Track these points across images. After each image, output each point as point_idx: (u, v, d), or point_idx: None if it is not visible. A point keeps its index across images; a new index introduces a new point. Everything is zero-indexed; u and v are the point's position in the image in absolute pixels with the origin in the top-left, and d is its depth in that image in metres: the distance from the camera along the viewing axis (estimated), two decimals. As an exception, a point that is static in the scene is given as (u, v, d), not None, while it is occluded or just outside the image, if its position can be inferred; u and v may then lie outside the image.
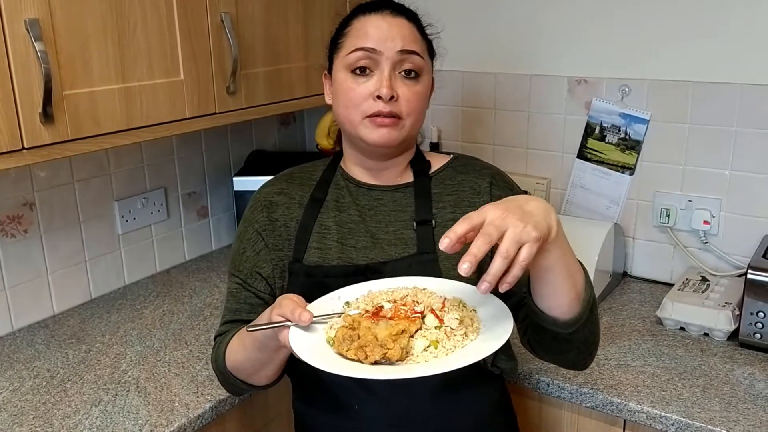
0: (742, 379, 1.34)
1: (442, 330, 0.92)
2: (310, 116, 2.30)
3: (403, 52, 1.08)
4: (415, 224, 1.12)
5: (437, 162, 1.20)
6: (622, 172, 1.79)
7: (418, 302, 0.97)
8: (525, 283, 1.00)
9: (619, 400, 1.28)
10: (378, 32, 1.08)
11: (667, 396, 1.28)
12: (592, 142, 1.83)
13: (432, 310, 0.95)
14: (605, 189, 1.82)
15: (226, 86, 1.53)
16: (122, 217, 1.79)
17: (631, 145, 1.77)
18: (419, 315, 0.94)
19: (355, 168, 1.19)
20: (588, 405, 1.32)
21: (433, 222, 1.12)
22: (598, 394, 1.31)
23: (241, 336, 1.09)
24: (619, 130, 1.78)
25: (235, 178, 1.92)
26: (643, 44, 1.70)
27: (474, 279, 1.04)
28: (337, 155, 1.24)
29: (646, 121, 1.74)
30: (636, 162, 1.77)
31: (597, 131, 1.81)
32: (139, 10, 1.34)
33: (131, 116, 1.35)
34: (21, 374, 1.39)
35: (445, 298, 0.98)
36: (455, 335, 0.91)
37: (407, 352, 0.89)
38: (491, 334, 0.91)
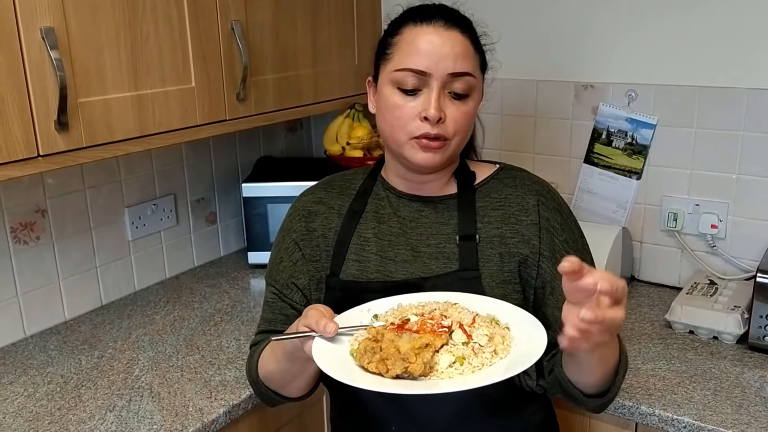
0: (753, 382, 1.34)
1: (469, 346, 0.88)
2: (317, 122, 2.32)
3: (455, 75, 1.02)
4: (458, 238, 1.08)
5: (482, 172, 1.15)
6: (629, 177, 1.80)
7: (446, 317, 0.93)
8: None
9: (630, 404, 1.29)
10: (430, 49, 1.01)
11: (679, 399, 1.29)
12: (599, 147, 1.84)
13: (461, 325, 0.91)
14: (612, 193, 1.83)
15: (236, 93, 1.54)
16: (132, 223, 1.80)
17: (638, 150, 1.78)
18: (446, 330, 0.90)
19: (396, 179, 1.14)
20: (599, 408, 1.32)
21: (477, 237, 1.08)
22: (610, 397, 1.31)
23: (273, 346, 1.07)
24: (626, 135, 1.79)
25: (243, 185, 1.93)
26: (650, 49, 1.72)
27: (514, 299, 1.04)
28: (377, 164, 1.19)
29: (652, 126, 1.75)
30: (643, 166, 1.78)
31: (604, 136, 1.82)
32: (152, 19, 1.35)
33: (144, 123, 1.36)
34: (35, 380, 1.40)
35: (477, 314, 0.94)
36: (483, 352, 0.88)
37: (431, 368, 0.86)
38: (522, 353, 0.87)
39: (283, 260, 1.15)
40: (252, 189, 1.93)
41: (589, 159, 1.86)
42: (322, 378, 1.09)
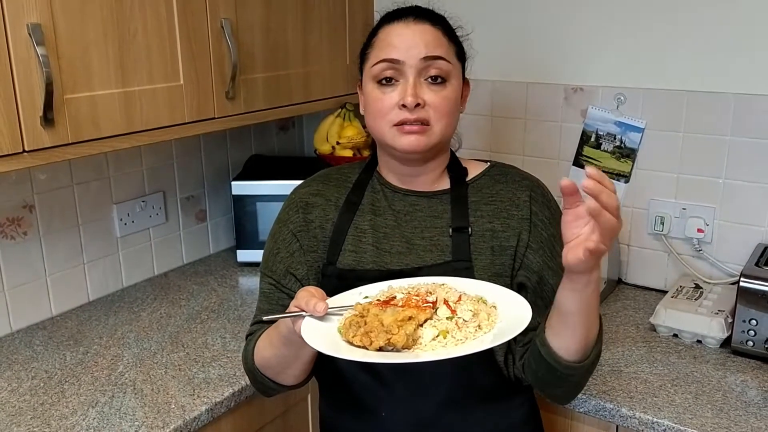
0: (735, 386, 1.35)
1: (453, 321, 0.90)
2: (309, 121, 2.32)
3: (427, 58, 1.06)
4: (450, 231, 1.11)
5: (474, 169, 1.19)
6: (618, 180, 1.81)
7: (431, 293, 0.96)
8: (542, 313, 1.03)
9: (611, 406, 1.30)
10: (400, 40, 1.07)
11: (659, 402, 1.30)
12: (587, 150, 1.84)
13: (445, 302, 0.93)
14: (601, 196, 1.84)
15: (226, 91, 1.55)
16: (121, 220, 1.80)
17: (626, 153, 1.78)
18: (431, 305, 0.93)
19: (390, 174, 1.18)
20: (581, 410, 1.33)
21: (470, 230, 1.11)
22: (591, 399, 1.32)
23: (269, 332, 1.09)
24: (615, 138, 1.80)
25: (233, 183, 1.93)
26: (639, 53, 1.72)
27: (500, 281, 1.06)
28: (373, 158, 1.22)
29: (641, 130, 1.75)
30: (631, 170, 1.79)
31: (593, 139, 1.83)
32: (140, 15, 1.35)
33: (131, 120, 1.36)
34: (19, 375, 1.40)
35: (463, 293, 0.97)
36: (467, 327, 0.90)
37: (414, 341, 0.88)
38: (505, 328, 0.89)
39: (280, 251, 1.17)
40: (242, 187, 1.93)
41: (578, 161, 1.86)
42: (314, 368, 1.11)
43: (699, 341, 1.52)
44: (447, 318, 0.91)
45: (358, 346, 0.88)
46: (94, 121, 1.30)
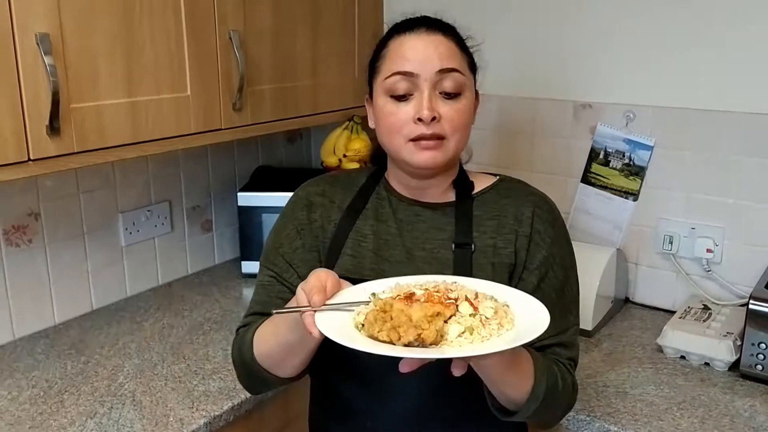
0: (743, 411, 1.32)
1: (477, 318, 0.89)
2: (317, 133, 2.32)
3: (442, 71, 1.04)
4: (453, 246, 1.10)
5: (481, 183, 1.17)
6: (626, 198, 1.79)
7: (451, 290, 0.94)
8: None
9: (616, 429, 1.27)
10: (414, 53, 1.05)
11: (665, 426, 1.27)
12: (596, 167, 1.83)
13: (467, 298, 0.92)
14: (608, 214, 1.82)
15: (233, 102, 1.55)
16: (126, 229, 1.80)
17: (635, 171, 1.77)
18: (453, 302, 0.91)
19: (398, 184, 1.17)
20: (585, 432, 1.31)
21: (473, 246, 1.09)
22: (595, 421, 1.29)
23: (274, 320, 1.06)
24: (623, 156, 1.78)
25: (239, 193, 1.93)
26: (649, 71, 1.71)
27: (501, 281, 1.05)
28: (382, 166, 1.21)
29: (650, 148, 1.74)
30: (640, 188, 1.77)
31: (601, 156, 1.81)
32: (148, 26, 1.36)
33: (137, 130, 1.36)
34: (20, 383, 1.40)
35: (477, 291, 0.95)
36: (490, 324, 0.88)
37: (441, 337, 0.86)
38: (527, 325, 0.88)
39: (282, 245, 1.15)
40: (248, 198, 1.93)
41: (586, 179, 1.85)
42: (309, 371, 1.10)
43: (707, 364, 1.50)
44: (470, 315, 0.89)
45: (383, 341, 0.86)
46: (100, 131, 1.30)
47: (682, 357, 1.53)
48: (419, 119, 1.03)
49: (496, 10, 1.89)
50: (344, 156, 1.95)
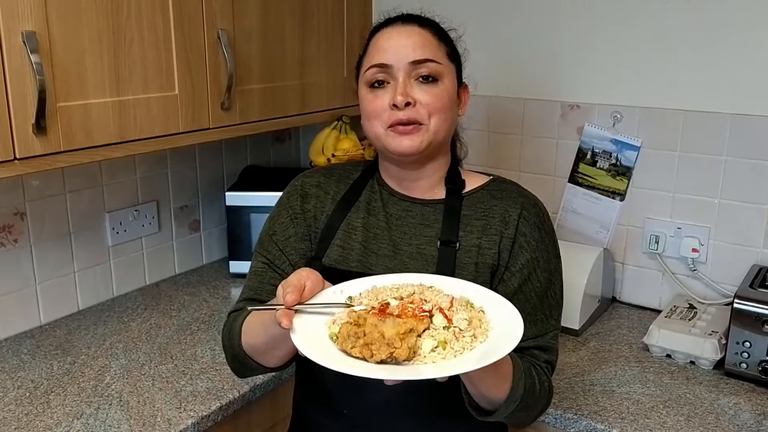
0: (727, 409, 1.34)
1: (450, 330, 0.89)
2: (305, 133, 2.32)
3: (416, 62, 1.07)
4: (438, 243, 1.11)
5: (473, 182, 1.18)
6: (613, 198, 1.80)
7: (425, 300, 0.94)
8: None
9: (603, 427, 1.28)
10: (389, 44, 1.09)
11: (651, 424, 1.28)
12: (583, 167, 1.84)
13: (440, 309, 0.92)
14: (596, 214, 1.83)
15: (221, 102, 1.54)
16: (113, 229, 1.79)
17: (622, 171, 1.78)
18: (427, 314, 0.91)
19: (389, 178, 1.19)
20: (572, 430, 1.31)
21: (458, 244, 1.11)
22: (582, 419, 1.30)
23: (259, 313, 1.07)
24: (611, 156, 1.79)
25: (227, 193, 1.92)
26: (636, 72, 1.72)
27: (483, 282, 1.07)
28: (376, 159, 1.23)
29: (637, 148, 1.75)
30: (626, 188, 1.78)
31: (588, 156, 1.82)
32: (136, 25, 1.35)
33: (124, 129, 1.36)
34: (5, 384, 1.39)
35: (453, 297, 0.95)
36: (464, 336, 0.88)
37: (414, 352, 0.87)
38: (500, 337, 0.88)
39: (276, 233, 1.18)
40: (236, 198, 1.92)
41: (574, 179, 1.86)
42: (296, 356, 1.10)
43: (692, 362, 1.51)
44: (444, 327, 0.89)
45: (356, 357, 0.86)
46: (87, 130, 1.29)
47: (668, 356, 1.54)
48: (394, 105, 1.06)
49: (483, 10, 1.90)
50: (333, 156, 1.95)
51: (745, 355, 1.42)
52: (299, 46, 1.75)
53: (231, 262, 1.96)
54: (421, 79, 1.08)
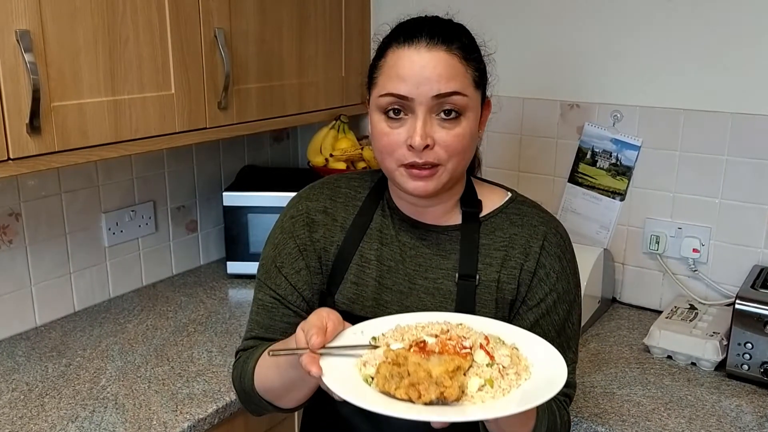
0: (729, 411, 1.32)
1: (494, 368, 0.84)
2: (303, 133, 2.30)
3: (440, 96, 0.95)
4: (457, 277, 1.04)
5: (490, 201, 1.08)
6: (613, 198, 1.79)
7: (465, 338, 0.88)
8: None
9: (603, 430, 1.27)
10: (410, 72, 0.95)
11: (653, 426, 1.27)
12: (583, 167, 1.83)
13: (481, 346, 0.86)
14: (596, 214, 1.82)
15: (218, 101, 1.53)
16: (109, 229, 1.77)
17: (622, 171, 1.77)
18: (469, 351, 0.85)
19: (399, 200, 1.09)
20: (572, 433, 1.31)
21: (477, 278, 1.03)
22: (583, 422, 1.29)
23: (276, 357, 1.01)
24: (611, 156, 1.78)
25: (225, 193, 1.91)
26: (636, 71, 1.71)
27: (503, 318, 1.02)
28: (384, 177, 1.11)
29: (637, 148, 1.74)
30: (627, 188, 1.77)
31: (588, 156, 1.81)
32: (132, 23, 1.34)
33: (120, 129, 1.34)
34: (-1, 387, 1.38)
35: (486, 335, 0.90)
36: (508, 374, 0.84)
37: (462, 392, 0.81)
38: (543, 373, 0.84)
39: (284, 266, 1.09)
40: (233, 198, 1.91)
41: (574, 178, 1.84)
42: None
43: (693, 364, 1.50)
44: (487, 365, 0.84)
45: (401, 399, 0.80)
46: (82, 130, 1.28)
47: (669, 357, 1.53)
48: (411, 146, 0.95)
49: (483, 10, 1.88)
50: (331, 155, 1.94)
51: (747, 356, 1.40)
52: (297, 44, 1.74)
53: (228, 263, 1.94)
54: (443, 114, 0.96)
